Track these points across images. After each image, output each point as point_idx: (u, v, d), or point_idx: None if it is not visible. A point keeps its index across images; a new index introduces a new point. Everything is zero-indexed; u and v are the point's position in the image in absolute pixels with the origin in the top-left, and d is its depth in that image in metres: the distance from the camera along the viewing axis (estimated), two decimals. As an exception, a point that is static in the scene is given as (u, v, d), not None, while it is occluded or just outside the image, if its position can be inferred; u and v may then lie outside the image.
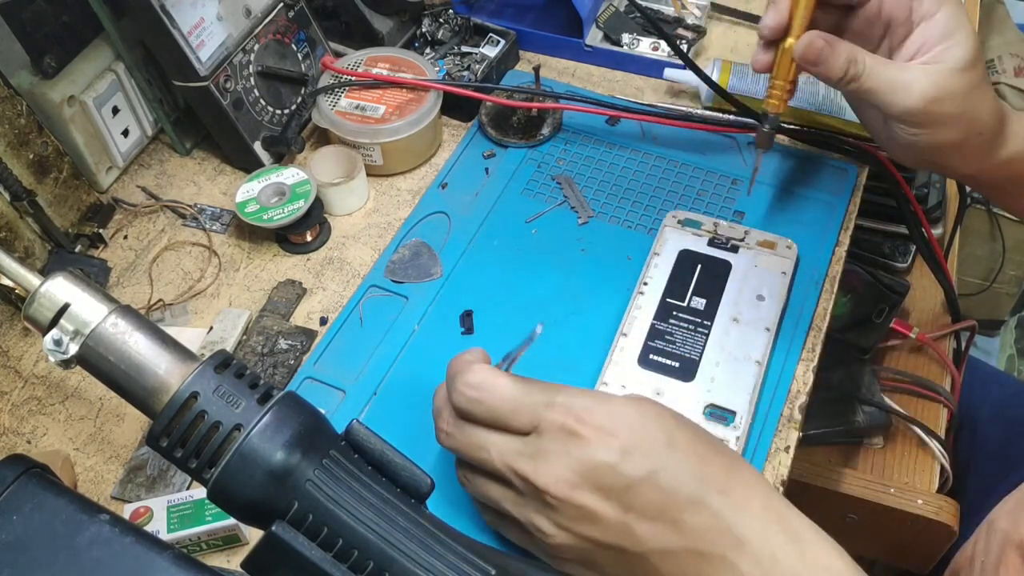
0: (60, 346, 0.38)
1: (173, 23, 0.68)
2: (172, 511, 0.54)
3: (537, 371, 0.62)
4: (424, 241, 0.71)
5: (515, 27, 0.85)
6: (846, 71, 0.55)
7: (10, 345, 0.66)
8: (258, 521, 0.37)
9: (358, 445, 0.39)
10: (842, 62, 0.54)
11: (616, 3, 0.88)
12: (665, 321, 0.63)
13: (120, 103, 0.74)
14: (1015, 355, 1.62)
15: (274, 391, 0.39)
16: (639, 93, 0.84)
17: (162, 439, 0.37)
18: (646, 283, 0.65)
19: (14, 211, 0.65)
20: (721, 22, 0.91)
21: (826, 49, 0.54)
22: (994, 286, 1.58)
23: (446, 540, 0.38)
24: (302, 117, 0.77)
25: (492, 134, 0.78)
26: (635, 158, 0.77)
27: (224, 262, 0.71)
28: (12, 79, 0.66)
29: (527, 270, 0.69)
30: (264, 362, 0.64)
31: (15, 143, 0.65)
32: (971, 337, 0.94)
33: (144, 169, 0.78)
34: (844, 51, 0.55)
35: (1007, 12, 1.58)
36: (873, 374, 0.88)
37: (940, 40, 0.54)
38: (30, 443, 0.61)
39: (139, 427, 0.61)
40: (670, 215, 0.69)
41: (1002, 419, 0.94)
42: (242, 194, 0.70)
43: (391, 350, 0.64)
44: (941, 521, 0.81)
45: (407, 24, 0.84)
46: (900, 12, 0.56)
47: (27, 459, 0.37)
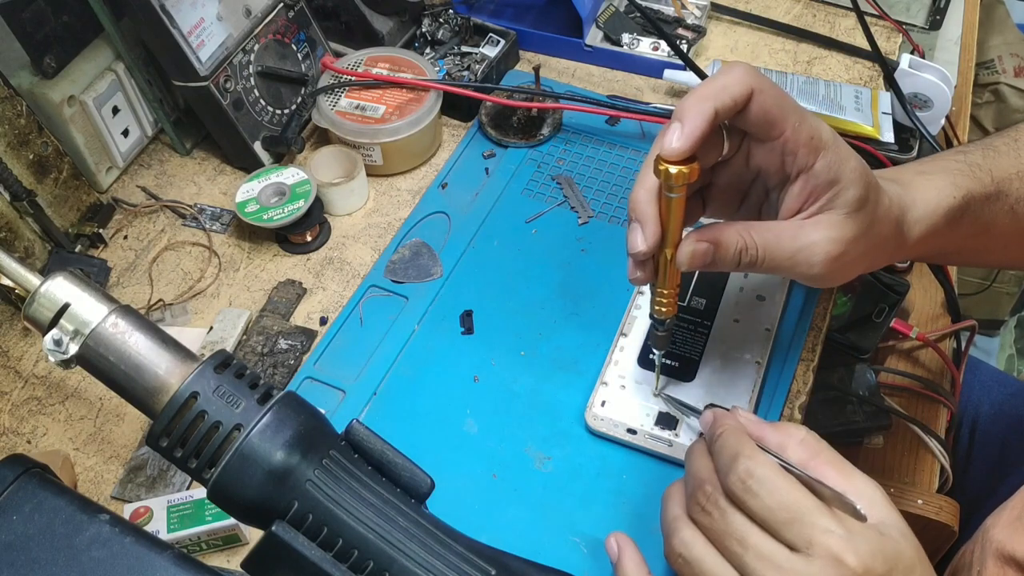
0: (60, 346, 0.38)
1: (173, 23, 0.68)
2: (172, 511, 0.54)
3: (537, 371, 0.63)
4: (424, 241, 0.71)
5: (515, 27, 0.85)
6: (739, 261, 0.49)
7: (10, 345, 0.66)
8: (258, 521, 0.37)
9: (358, 445, 0.39)
10: (732, 255, 0.49)
11: (616, 3, 0.88)
12: (665, 321, 0.63)
13: (120, 103, 0.74)
14: (1015, 355, 1.62)
15: (274, 391, 0.39)
16: (639, 93, 0.84)
17: (162, 439, 0.37)
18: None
19: (14, 211, 0.65)
20: (721, 22, 0.91)
21: (711, 251, 0.49)
22: (994, 286, 1.58)
23: (446, 540, 0.38)
24: (302, 117, 0.77)
25: (492, 134, 0.78)
26: (635, 158, 0.77)
27: (224, 262, 0.71)
28: (12, 79, 0.66)
29: (527, 270, 0.69)
30: (264, 362, 0.64)
31: (15, 143, 0.65)
32: (971, 337, 0.94)
33: (144, 169, 0.78)
34: (732, 243, 0.49)
35: (1007, 12, 1.58)
36: (873, 374, 0.88)
37: (826, 188, 0.49)
38: (30, 443, 0.61)
39: (139, 427, 0.61)
40: None
41: (1002, 419, 0.94)
42: (242, 194, 0.70)
43: (391, 350, 0.64)
44: (941, 521, 0.81)
45: (407, 24, 0.84)
46: (771, 165, 0.50)
47: (27, 459, 0.37)
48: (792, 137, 0.48)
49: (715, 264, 0.49)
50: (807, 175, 0.49)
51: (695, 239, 0.49)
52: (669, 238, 0.49)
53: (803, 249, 0.49)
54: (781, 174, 0.50)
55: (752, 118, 0.48)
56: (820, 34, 0.89)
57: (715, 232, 0.49)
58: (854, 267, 0.51)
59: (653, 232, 0.49)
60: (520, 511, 0.56)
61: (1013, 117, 1.52)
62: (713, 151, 0.50)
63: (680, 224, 0.49)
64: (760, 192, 0.53)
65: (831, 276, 0.51)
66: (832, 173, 0.48)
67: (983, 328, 1.65)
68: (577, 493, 0.57)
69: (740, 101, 0.47)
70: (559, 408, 0.61)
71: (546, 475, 0.58)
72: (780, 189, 0.51)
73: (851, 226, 0.49)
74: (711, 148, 0.50)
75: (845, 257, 0.49)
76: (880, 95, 0.79)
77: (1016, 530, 0.51)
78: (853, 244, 0.49)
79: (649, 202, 0.49)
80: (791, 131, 0.48)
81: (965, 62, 1.10)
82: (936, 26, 0.95)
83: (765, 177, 0.52)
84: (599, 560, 0.54)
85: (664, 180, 0.46)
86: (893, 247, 0.54)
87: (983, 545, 0.53)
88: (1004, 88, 1.51)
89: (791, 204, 0.50)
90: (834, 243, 0.49)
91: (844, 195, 0.48)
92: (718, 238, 0.49)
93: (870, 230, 0.50)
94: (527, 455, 0.59)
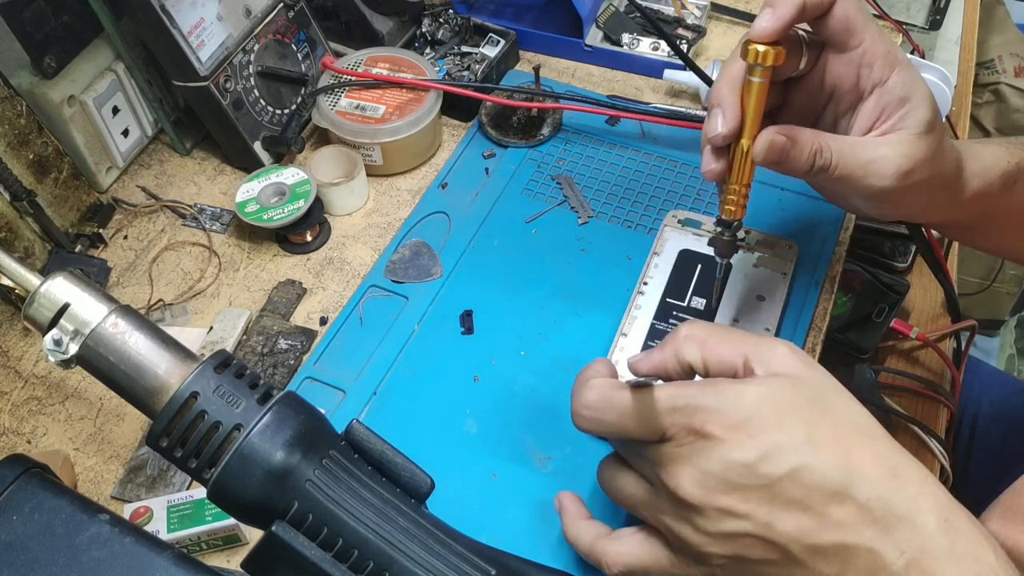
0: (60, 346, 0.38)
1: (173, 23, 0.68)
2: (172, 511, 0.54)
3: (537, 371, 0.63)
4: (424, 241, 0.71)
5: (515, 27, 0.85)
6: (812, 164, 0.50)
7: (10, 345, 0.66)
8: (258, 521, 0.37)
9: (358, 445, 0.39)
10: (807, 155, 0.50)
11: (616, 3, 0.88)
12: (665, 321, 0.63)
13: (120, 103, 0.74)
14: (1015, 355, 1.62)
15: (274, 391, 0.39)
16: (639, 93, 0.84)
17: (162, 439, 0.37)
18: (646, 283, 0.65)
19: (14, 211, 0.65)
20: (721, 22, 0.91)
21: (788, 146, 0.49)
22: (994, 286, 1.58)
23: (446, 540, 0.38)
24: (302, 117, 0.77)
25: (492, 134, 0.78)
26: (635, 158, 0.77)
27: (224, 262, 0.71)
28: (12, 79, 0.66)
29: (527, 270, 0.69)
30: (264, 362, 0.64)
31: (15, 143, 0.65)
32: (971, 337, 0.94)
33: (144, 169, 0.78)
34: (808, 143, 0.50)
35: (1007, 12, 1.58)
36: (873, 374, 0.88)
37: (898, 105, 0.50)
38: (30, 443, 0.61)
39: (139, 427, 0.61)
40: (670, 215, 0.69)
41: (1002, 419, 0.94)
42: (242, 194, 0.70)
43: (391, 350, 0.64)
44: (941, 521, 0.81)
45: (407, 24, 0.84)
46: (846, 80, 0.51)
47: (27, 459, 0.37)
48: (870, 48, 0.50)
49: (789, 162, 0.50)
50: (881, 90, 0.50)
51: (775, 131, 0.50)
52: (747, 128, 0.50)
53: (875, 160, 0.50)
54: (855, 91, 0.52)
55: (834, 23, 0.49)
56: (820, 34, 0.89)
57: (793, 130, 0.50)
58: (917, 194, 0.52)
59: (734, 116, 0.50)
60: (520, 511, 0.56)
61: (1013, 117, 1.52)
62: (791, 62, 0.51)
63: (760, 114, 0.50)
64: (831, 118, 0.54)
65: (897, 195, 0.52)
66: (905, 90, 0.50)
67: (983, 328, 1.65)
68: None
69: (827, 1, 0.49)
70: (559, 408, 0.61)
71: (546, 475, 0.58)
72: (851, 114, 0.52)
73: (921, 146, 0.50)
74: (790, 57, 0.51)
75: (913, 176, 0.51)
76: (880, 95, 0.79)
77: (1008, 521, 0.51)
78: (921, 165, 0.50)
79: (732, 89, 0.50)
80: (870, 42, 0.50)
81: (965, 62, 1.11)
82: (936, 26, 0.95)
83: (838, 97, 0.53)
84: (599, 560, 0.54)
85: (751, 60, 0.48)
86: (951, 191, 0.55)
87: None
88: (1004, 88, 1.51)
89: (863, 122, 0.52)
90: (905, 158, 0.50)
91: (915, 114, 0.50)
92: (796, 135, 0.50)
93: (936, 158, 0.51)
94: (527, 455, 0.59)
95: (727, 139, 0.50)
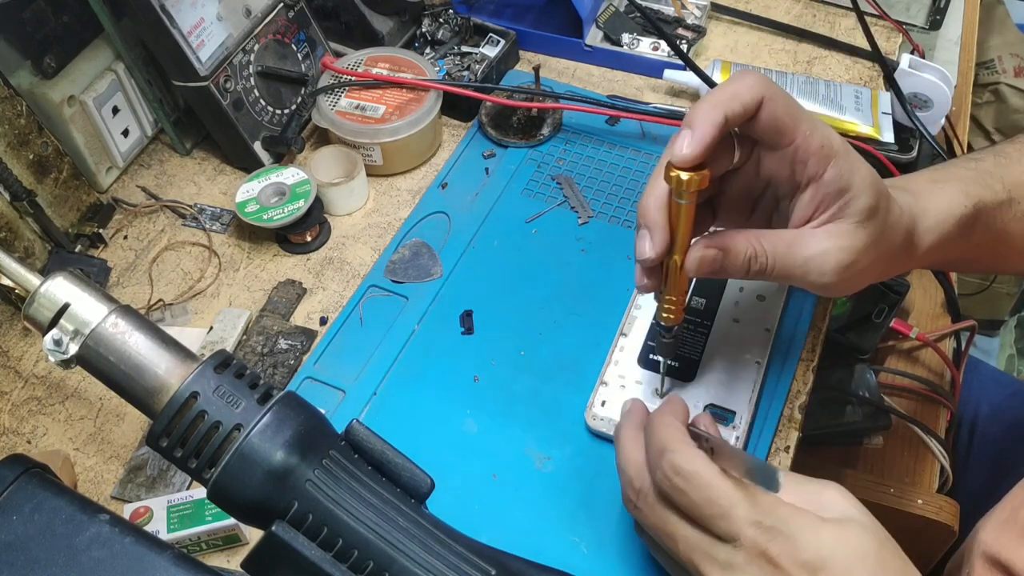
0: (60, 346, 0.38)
1: (173, 23, 0.68)
2: (172, 511, 0.54)
3: (537, 371, 0.63)
4: (424, 241, 0.71)
5: (515, 27, 0.85)
6: (748, 269, 0.49)
7: (10, 345, 0.66)
8: (258, 521, 0.37)
9: (358, 445, 0.39)
10: (742, 262, 0.49)
11: (616, 3, 0.88)
12: (665, 321, 0.63)
13: (120, 103, 0.74)
14: (1015, 355, 1.62)
15: (274, 391, 0.39)
16: (639, 93, 0.84)
17: (162, 439, 0.37)
18: (646, 283, 0.65)
19: (14, 211, 0.65)
20: (721, 22, 0.91)
21: (720, 257, 0.48)
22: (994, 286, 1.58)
23: (446, 540, 0.38)
24: (302, 117, 0.77)
25: (492, 134, 0.78)
26: (635, 158, 0.77)
27: (224, 262, 0.71)
28: (12, 79, 0.66)
29: (527, 270, 0.69)
30: (264, 362, 0.64)
31: (15, 143, 0.65)
32: (971, 337, 0.94)
33: (144, 169, 0.78)
34: (741, 251, 0.48)
35: (1007, 12, 1.58)
36: (873, 374, 0.88)
37: (836, 196, 0.48)
38: (30, 443, 0.61)
39: (139, 427, 0.61)
40: None
41: (1001, 419, 0.94)
42: (242, 194, 0.70)
43: (391, 350, 0.64)
44: (941, 521, 0.81)
45: (407, 24, 0.84)
46: (781, 173, 0.50)
47: (27, 459, 0.37)
48: (803, 145, 0.48)
49: (724, 271, 0.49)
50: (817, 184, 0.49)
51: (704, 245, 0.49)
52: (678, 245, 0.49)
53: (814, 257, 0.49)
54: (791, 183, 0.50)
55: (762, 126, 0.48)
56: (820, 34, 0.89)
57: (724, 239, 0.49)
58: (864, 276, 0.51)
59: (662, 239, 0.49)
60: (520, 511, 0.56)
61: (1013, 117, 1.52)
62: (724, 159, 0.50)
63: (689, 231, 0.49)
64: (771, 201, 0.53)
65: (842, 285, 0.50)
66: (843, 182, 0.48)
67: (983, 328, 1.65)
68: (577, 493, 0.57)
69: (750, 108, 0.47)
70: (559, 408, 0.61)
71: (546, 475, 0.58)
72: (790, 198, 0.51)
73: (862, 235, 0.49)
74: (722, 156, 0.50)
75: (856, 266, 0.49)
76: (880, 95, 0.79)
77: (1003, 532, 0.51)
78: (864, 253, 0.49)
79: (659, 209, 0.49)
80: (802, 139, 0.48)
81: (965, 62, 1.11)
82: (936, 26, 0.95)
83: (776, 186, 0.51)
84: (599, 560, 0.54)
85: (675, 187, 0.46)
86: (904, 256, 0.53)
87: (973, 546, 0.53)
88: (1004, 88, 1.51)
89: (801, 213, 0.50)
90: (845, 252, 0.48)
91: (855, 204, 0.48)
92: (728, 245, 0.48)
93: (881, 239, 0.50)
94: (527, 455, 0.59)
95: (656, 261, 0.50)
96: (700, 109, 0.46)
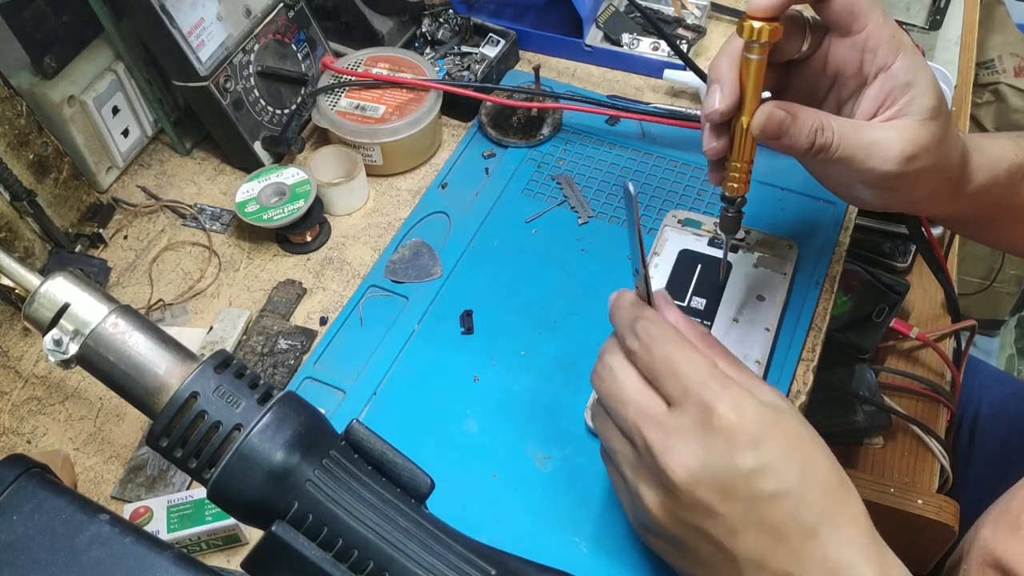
0: (60, 346, 0.38)
1: (173, 23, 0.68)
2: (172, 511, 0.54)
3: (537, 371, 0.63)
4: (424, 241, 0.71)
5: (515, 27, 0.85)
6: (813, 142, 0.49)
7: (10, 345, 0.66)
8: (258, 521, 0.37)
9: (358, 445, 0.39)
10: (807, 132, 0.49)
11: (616, 3, 0.88)
12: (665, 321, 0.63)
13: (120, 103, 0.74)
14: (1015, 355, 1.62)
15: (274, 391, 0.39)
16: (639, 93, 0.84)
17: (162, 439, 0.37)
18: (646, 283, 0.65)
19: (14, 211, 0.65)
20: (721, 22, 0.91)
21: (787, 121, 0.48)
22: (994, 286, 1.58)
23: (446, 540, 0.38)
24: (302, 117, 0.77)
25: (492, 134, 0.78)
26: (635, 158, 0.77)
27: (224, 262, 0.71)
28: (12, 79, 0.66)
29: (527, 270, 0.69)
30: (264, 362, 0.64)
31: (15, 143, 0.65)
32: (971, 337, 0.94)
33: (144, 169, 0.78)
34: (808, 120, 0.49)
35: (1007, 12, 1.58)
36: (873, 374, 0.88)
37: (903, 91, 0.49)
38: (30, 443, 0.61)
39: (139, 427, 0.61)
40: (670, 215, 0.69)
41: (1002, 419, 0.94)
42: (242, 194, 0.70)
43: (391, 350, 0.64)
44: (941, 521, 0.81)
45: (407, 24, 0.84)
46: (849, 65, 0.50)
47: (27, 459, 0.37)
48: (875, 33, 0.49)
49: (788, 137, 0.49)
50: (885, 75, 0.49)
51: (774, 105, 0.49)
52: (746, 105, 0.49)
53: (878, 142, 0.49)
54: (859, 76, 0.51)
55: (838, 6, 0.49)
56: (820, 34, 0.89)
57: (794, 106, 0.49)
58: (921, 182, 0.52)
59: (731, 92, 0.49)
60: (520, 511, 0.56)
61: (1013, 117, 1.52)
62: (794, 43, 0.51)
63: (759, 91, 0.49)
64: (834, 102, 0.53)
65: (900, 181, 0.51)
66: (910, 75, 0.49)
67: (983, 328, 1.65)
68: (577, 493, 0.57)
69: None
70: (559, 408, 0.61)
71: (546, 475, 0.58)
72: (855, 99, 0.52)
73: (925, 133, 0.49)
74: (792, 39, 0.50)
75: (916, 162, 0.50)
76: (880, 95, 0.79)
77: (1001, 531, 0.51)
78: (925, 152, 0.50)
79: (731, 65, 0.49)
80: (874, 26, 0.49)
81: (965, 62, 1.11)
82: (936, 26, 0.95)
83: (841, 82, 0.52)
84: (599, 560, 0.54)
85: (747, 36, 0.47)
86: (956, 182, 0.54)
87: (971, 544, 0.53)
88: (1004, 88, 1.51)
89: (867, 107, 0.51)
90: (909, 143, 0.49)
91: (920, 100, 0.49)
92: (796, 111, 0.49)
93: (941, 145, 0.50)
94: (527, 455, 0.59)
95: (725, 115, 0.50)
96: None
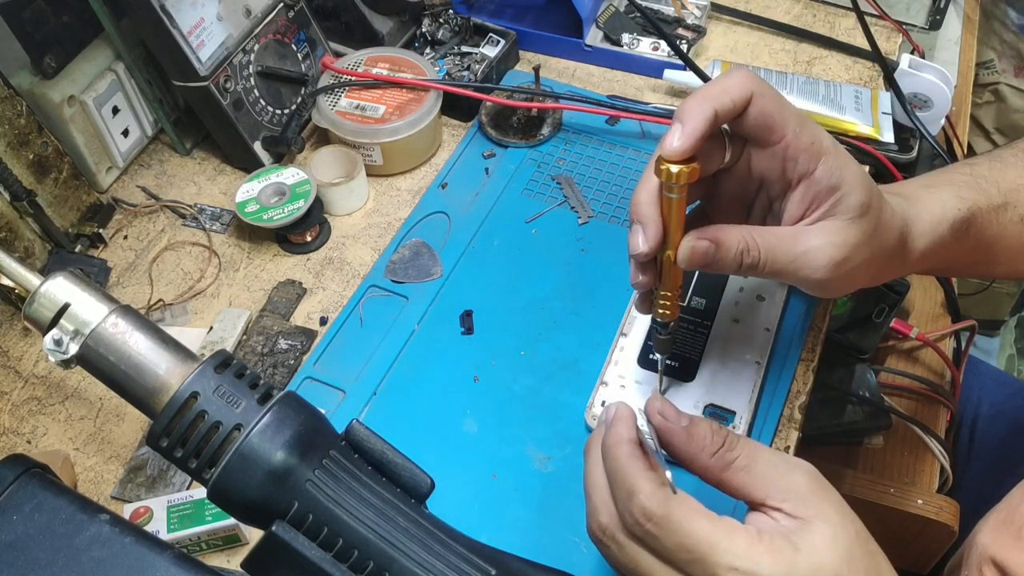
0: (60, 346, 0.38)
1: (173, 23, 0.68)
2: (172, 511, 0.54)
3: (537, 371, 0.63)
4: (424, 241, 0.71)
5: (515, 27, 0.85)
6: (740, 263, 0.49)
7: (10, 345, 0.66)
8: (258, 521, 0.37)
9: (358, 445, 0.39)
10: (734, 255, 0.48)
11: (616, 3, 0.88)
12: (665, 321, 0.63)
13: (120, 103, 0.74)
14: (1015, 355, 1.62)
15: (274, 391, 0.39)
16: (639, 93, 0.84)
17: (162, 439, 0.37)
18: (646, 283, 0.65)
19: (14, 211, 0.65)
20: (721, 22, 0.91)
21: (711, 249, 0.48)
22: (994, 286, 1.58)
23: (446, 540, 0.38)
24: (302, 117, 0.77)
25: (492, 134, 0.78)
26: (635, 158, 0.77)
27: (224, 262, 0.71)
28: (12, 79, 0.66)
29: (527, 270, 0.69)
30: (264, 362, 0.64)
31: (15, 143, 0.65)
32: (971, 337, 0.94)
33: (144, 169, 0.78)
34: (733, 243, 0.48)
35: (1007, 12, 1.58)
36: (873, 374, 0.88)
37: (828, 194, 0.48)
38: (30, 443, 0.61)
39: (139, 427, 0.61)
40: None
41: (1002, 419, 0.94)
42: (242, 194, 0.70)
43: (391, 350, 0.64)
44: (941, 521, 0.81)
45: (407, 24, 0.84)
46: (772, 171, 0.50)
47: (27, 459, 0.37)
48: (792, 142, 0.48)
49: (716, 264, 0.49)
50: (808, 181, 0.49)
51: (696, 237, 0.49)
52: (670, 239, 0.49)
53: (806, 253, 0.49)
54: (783, 181, 0.50)
55: (751, 122, 0.48)
56: (820, 34, 0.89)
57: (717, 231, 0.49)
58: (857, 276, 0.51)
59: (655, 233, 0.49)
60: (520, 511, 0.56)
61: (1013, 117, 1.52)
62: (715, 157, 0.50)
63: (681, 225, 0.49)
64: (764, 202, 0.53)
65: (834, 283, 0.50)
66: (834, 179, 0.48)
67: (983, 328, 1.65)
68: (577, 493, 0.56)
69: (740, 104, 0.47)
70: (559, 408, 0.61)
71: (546, 475, 0.58)
72: (782, 198, 0.51)
73: (854, 232, 0.49)
74: (713, 154, 0.50)
75: (848, 264, 0.49)
76: (880, 95, 0.79)
77: (1000, 534, 0.51)
78: (856, 251, 0.49)
79: (650, 203, 0.49)
80: (791, 136, 0.48)
81: (965, 62, 1.11)
82: (936, 26, 0.95)
83: (768, 185, 0.51)
84: (599, 560, 0.54)
85: (665, 180, 0.47)
86: (897, 260, 0.53)
87: (971, 547, 0.53)
88: (1004, 88, 1.51)
89: (793, 211, 0.50)
90: (837, 248, 0.48)
91: (846, 201, 0.48)
92: (720, 237, 0.48)
93: (873, 238, 0.50)
94: (527, 455, 0.59)
95: (650, 256, 0.49)
96: (690, 104, 0.46)
